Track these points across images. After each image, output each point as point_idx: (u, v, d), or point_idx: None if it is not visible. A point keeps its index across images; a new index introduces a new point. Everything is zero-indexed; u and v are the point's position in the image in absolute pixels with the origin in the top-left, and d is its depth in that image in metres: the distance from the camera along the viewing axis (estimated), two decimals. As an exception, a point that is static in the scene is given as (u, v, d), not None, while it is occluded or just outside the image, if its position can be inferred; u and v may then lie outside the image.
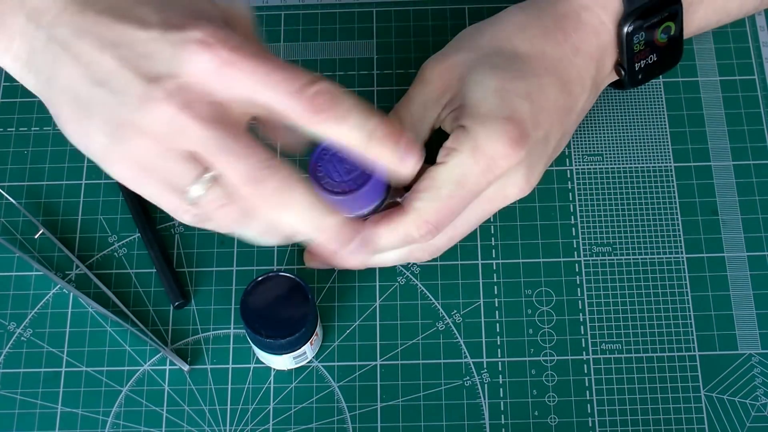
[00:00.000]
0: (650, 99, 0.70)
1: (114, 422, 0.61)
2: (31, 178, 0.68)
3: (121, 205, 0.67)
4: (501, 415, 0.61)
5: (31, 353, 0.63)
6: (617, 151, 0.68)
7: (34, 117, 0.70)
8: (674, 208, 0.67)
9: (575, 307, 0.64)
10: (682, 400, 0.62)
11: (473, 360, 0.63)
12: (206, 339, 0.64)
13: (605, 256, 0.65)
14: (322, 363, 0.63)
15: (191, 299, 0.65)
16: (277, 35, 0.73)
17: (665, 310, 0.64)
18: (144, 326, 0.63)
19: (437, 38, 0.72)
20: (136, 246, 0.66)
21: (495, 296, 0.64)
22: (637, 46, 0.61)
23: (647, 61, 0.62)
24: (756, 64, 0.71)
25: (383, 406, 0.62)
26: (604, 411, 0.61)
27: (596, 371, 0.62)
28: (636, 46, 0.61)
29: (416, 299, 0.64)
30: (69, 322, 0.64)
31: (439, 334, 0.63)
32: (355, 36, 0.73)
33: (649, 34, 0.61)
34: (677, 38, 0.63)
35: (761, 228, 0.66)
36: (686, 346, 0.63)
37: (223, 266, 0.65)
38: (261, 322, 0.57)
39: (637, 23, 0.60)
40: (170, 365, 0.63)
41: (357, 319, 0.64)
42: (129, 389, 0.62)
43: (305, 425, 0.61)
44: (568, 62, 0.60)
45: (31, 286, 0.65)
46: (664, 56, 0.63)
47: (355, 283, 0.65)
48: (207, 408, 0.62)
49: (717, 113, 0.70)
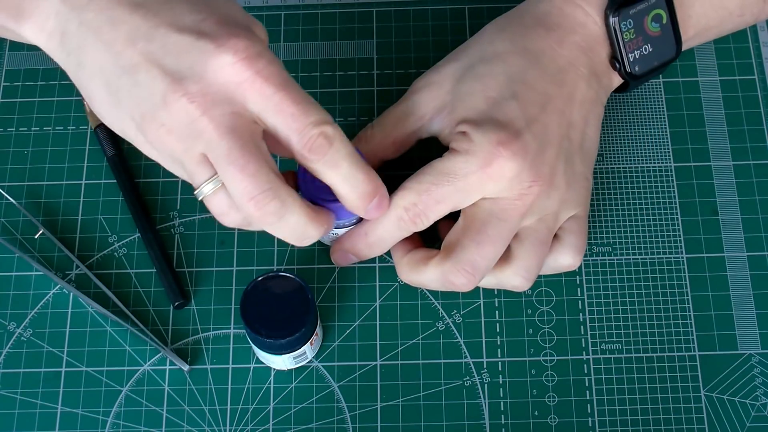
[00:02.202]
0: (650, 99, 0.70)
1: (114, 422, 0.61)
2: (31, 178, 0.68)
3: (121, 205, 0.67)
4: (501, 415, 0.61)
5: (31, 353, 0.63)
6: (617, 151, 0.68)
7: (34, 117, 0.70)
8: (674, 208, 0.67)
9: (575, 307, 0.64)
10: (682, 400, 0.62)
11: (473, 360, 0.63)
12: (206, 339, 0.64)
13: (605, 256, 0.65)
14: (322, 363, 0.63)
15: (191, 299, 0.65)
16: (277, 35, 0.73)
17: (665, 310, 0.64)
18: (144, 326, 0.63)
19: (437, 38, 0.72)
20: (136, 246, 0.66)
21: (495, 296, 0.64)
22: (628, 34, 0.61)
23: (642, 51, 0.62)
24: (756, 64, 0.71)
25: (383, 406, 0.62)
26: (604, 411, 0.61)
27: (596, 371, 0.62)
28: (626, 34, 0.61)
29: (416, 299, 0.64)
30: (69, 322, 0.64)
31: (439, 334, 0.63)
32: (355, 36, 0.73)
33: (638, 22, 0.61)
34: (671, 28, 0.63)
35: (761, 228, 0.66)
36: (686, 346, 0.63)
37: (223, 266, 0.65)
38: (261, 322, 0.57)
39: (623, 11, 0.60)
40: (170, 365, 0.63)
41: (357, 319, 0.64)
42: (129, 389, 0.62)
43: (305, 425, 0.61)
44: (553, 53, 0.60)
45: (31, 286, 0.65)
46: (660, 47, 0.63)
47: (355, 283, 0.65)
48: (207, 408, 0.62)
49: (717, 113, 0.70)
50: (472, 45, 0.63)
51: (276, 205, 0.52)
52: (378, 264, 0.65)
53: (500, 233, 0.58)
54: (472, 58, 0.62)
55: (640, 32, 0.62)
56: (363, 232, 0.60)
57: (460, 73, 0.61)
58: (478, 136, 0.57)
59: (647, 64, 0.63)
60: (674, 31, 0.63)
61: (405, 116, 0.62)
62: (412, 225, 0.59)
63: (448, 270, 0.58)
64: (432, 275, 0.59)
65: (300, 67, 0.71)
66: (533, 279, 0.60)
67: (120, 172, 0.67)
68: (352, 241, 0.61)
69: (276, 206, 0.52)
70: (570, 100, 0.60)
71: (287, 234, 0.54)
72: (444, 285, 0.59)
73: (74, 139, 0.69)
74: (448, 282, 0.58)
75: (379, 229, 0.60)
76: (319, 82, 0.71)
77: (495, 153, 0.57)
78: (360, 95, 0.71)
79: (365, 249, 0.61)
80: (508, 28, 0.62)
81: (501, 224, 0.58)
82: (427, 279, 0.60)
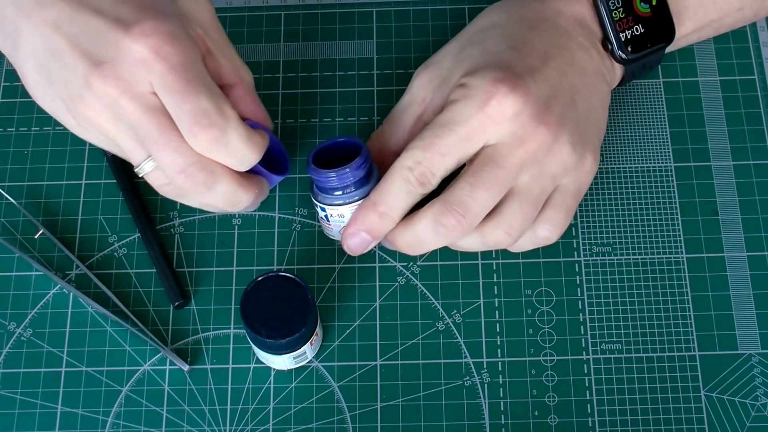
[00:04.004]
0: (650, 99, 0.70)
1: (114, 422, 0.61)
2: (31, 178, 0.68)
3: (121, 205, 0.67)
4: (501, 415, 0.61)
5: (31, 353, 0.63)
6: (617, 151, 0.68)
7: (34, 117, 0.70)
8: (674, 208, 0.67)
9: (575, 307, 0.64)
10: (682, 400, 0.62)
11: (473, 360, 0.63)
12: (206, 339, 0.64)
13: (605, 256, 0.65)
14: (322, 363, 0.63)
15: (191, 299, 0.65)
16: (277, 35, 0.73)
17: (665, 310, 0.64)
18: (144, 326, 0.63)
19: (437, 38, 0.72)
20: (136, 246, 0.66)
21: (495, 296, 0.64)
22: (616, 13, 0.61)
23: (633, 32, 0.62)
24: (756, 64, 0.71)
25: (383, 406, 0.62)
26: (604, 411, 0.61)
27: (596, 371, 0.62)
28: (615, 13, 0.61)
29: (416, 299, 0.64)
30: (69, 322, 0.64)
31: (439, 334, 0.63)
32: (355, 36, 0.73)
33: (627, 1, 0.62)
34: (661, 8, 0.63)
35: (761, 228, 0.66)
36: (686, 346, 0.63)
37: (223, 266, 0.65)
38: (261, 322, 0.57)
39: None
40: (170, 365, 0.63)
41: (357, 319, 0.64)
42: (129, 389, 0.62)
43: (305, 425, 0.61)
44: (550, 23, 0.61)
45: (31, 286, 0.65)
46: (651, 28, 0.63)
47: (355, 283, 0.65)
48: (207, 408, 0.62)
49: (717, 113, 0.70)
50: (469, 26, 0.63)
51: (204, 175, 0.54)
52: (378, 264, 0.65)
53: (496, 178, 0.57)
54: (470, 32, 0.62)
55: (629, 12, 0.62)
56: (371, 203, 0.59)
57: (459, 47, 0.61)
58: (476, 80, 0.57)
59: (640, 45, 0.62)
60: (666, 12, 0.62)
61: (409, 104, 0.62)
62: (419, 186, 0.58)
63: (439, 210, 0.57)
64: (424, 221, 0.58)
65: (300, 67, 0.72)
66: (516, 237, 0.59)
67: (120, 172, 0.67)
68: (363, 216, 0.59)
69: (204, 176, 0.55)
70: (570, 62, 0.60)
71: (219, 202, 0.57)
72: (436, 230, 0.57)
73: (74, 139, 0.69)
74: (439, 226, 0.57)
75: (387, 196, 0.58)
76: (319, 82, 0.71)
77: (493, 91, 0.56)
78: (360, 95, 0.71)
79: (377, 221, 0.59)
80: (506, 5, 0.63)
81: (498, 170, 0.57)
82: (420, 228, 0.58)
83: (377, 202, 0.58)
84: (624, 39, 0.62)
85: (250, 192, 0.58)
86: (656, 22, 0.63)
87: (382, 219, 0.59)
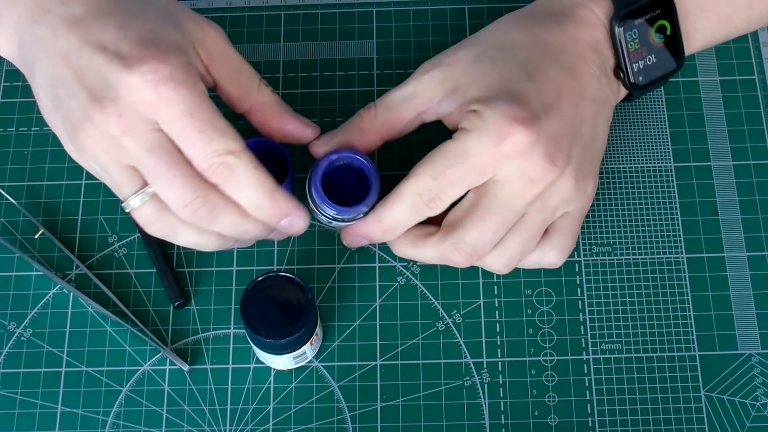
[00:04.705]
0: (650, 99, 0.70)
1: (114, 422, 0.61)
2: (31, 178, 0.68)
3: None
4: (501, 415, 0.61)
5: (31, 353, 0.63)
6: (617, 151, 0.68)
7: (34, 117, 0.70)
8: (674, 208, 0.67)
9: (575, 307, 0.64)
10: (682, 400, 0.62)
11: (473, 360, 0.63)
12: (206, 339, 0.64)
13: (605, 256, 0.65)
14: (322, 363, 0.63)
15: (191, 299, 0.65)
16: (277, 35, 0.73)
17: (665, 310, 0.64)
18: (144, 326, 0.63)
19: (437, 38, 0.72)
20: (136, 246, 0.66)
21: (495, 296, 0.64)
22: (632, 45, 0.61)
23: (646, 61, 0.62)
24: (756, 64, 0.71)
25: (383, 406, 0.62)
26: (604, 411, 0.61)
27: (596, 371, 0.62)
28: (631, 45, 0.61)
29: (416, 299, 0.64)
30: (69, 322, 0.64)
31: (439, 334, 0.63)
32: (355, 36, 0.73)
33: (643, 33, 0.61)
34: (674, 39, 0.63)
35: (761, 228, 0.66)
36: (686, 346, 0.63)
37: (223, 266, 0.65)
38: (261, 322, 0.57)
39: (628, 22, 0.61)
40: (170, 365, 0.63)
41: (357, 319, 0.64)
42: (129, 389, 0.62)
43: (305, 425, 0.61)
44: (567, 49, 0.60)
45: (31, 286, 0.65)
46: (663, 57, 0.63)
47: (355, 283, 0.65)
48: (207, 408, 0.62)
49: (717, 113, 0.70)
50: (486, 33, 0.63)
51: (207, 209, 0.54)
52: (378, 264, 0.65)
53: (504, 220, 0.58)
54: (487, 44, 0.61)
55: (644, 43, 0.62)
56: (377, 219, 0.60)
57: (474, 57, 0.60)
58: (490, 112, 0.57)
59: (650, 74, 0.62)
60: (678, 42, 0.63)
61: (412, 97, 0.61)
62: (427, 210, 0.59)
63: (448, 249, 0.59)
64: (431, 252, 0.60)
65: (300, 67, 0.72)
66: (514, 266, 0.61)
67: (120, 172, 0.67)
68: (366, 228, 0.60)
69: (207, 210, 0.54)
70: (582, 94, 0.60)
71: (226, 232, 0.56)
72: (441, 261, 0.61)
73: (74, 139, 0.69)
74: (446, 259, 0.60)
75: (393, 216, 0.59)
76: (319, 82, 0.71)
77: (508, 130, 0.56)
78: (360, 95, 0.71)
79: (379, 234, 0.61)
80: (523, 22, 0.62)
81: (506, 212, 0.58)
82: (425, 255, 0.61)
83: (383, 219, 0.60)
84: (636, 69, 0.62)
85: (257, 223, 0.57)
86: (667, 50, 0.63)
87: (385, 233, 0.61)
